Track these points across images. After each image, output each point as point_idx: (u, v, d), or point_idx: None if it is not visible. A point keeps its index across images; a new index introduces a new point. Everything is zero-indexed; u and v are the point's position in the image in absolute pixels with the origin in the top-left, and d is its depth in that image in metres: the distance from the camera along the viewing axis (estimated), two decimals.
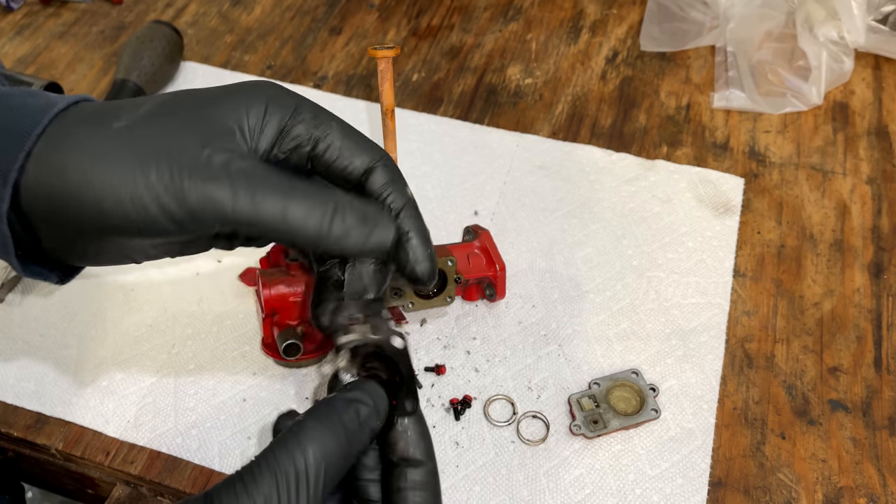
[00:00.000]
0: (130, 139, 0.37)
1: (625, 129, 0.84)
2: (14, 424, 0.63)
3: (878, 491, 0.59)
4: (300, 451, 0.36)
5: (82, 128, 0.37)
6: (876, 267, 0.72)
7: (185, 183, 0.36)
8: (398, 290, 0.62)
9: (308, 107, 0.42)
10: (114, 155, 0.36)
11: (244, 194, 0.36)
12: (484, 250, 0.66)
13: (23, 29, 0.95)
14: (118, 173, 0.36)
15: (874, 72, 0.89)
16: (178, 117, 0.38)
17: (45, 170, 0.37)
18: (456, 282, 0.64)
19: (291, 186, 0.38)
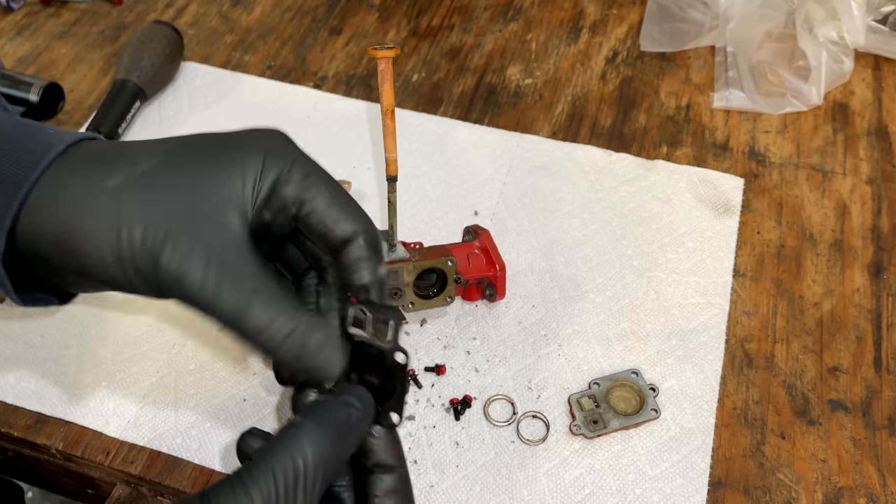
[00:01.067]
0: (119, 202, 0.37)
1: (625, 130, 0.84)
2: (14, 424, 0.63)
3: (877, 491, 0.59)
4: (299, 451, 0.36)
5: (76, 179, 0.38)
6: (876, 267, 0.72)
7: (164, 255, 0.37)
8: (398, 290, 0.62)
9: (300, 166, 0.41)
10: (99, 216, 0.37)
11: (212, 283, 0.37)
12: (484, 250, 0.66)
13: (23, 29, 0.95)
14: (99, 235, 0.37)
15: (874, 72, 0.89)
16: (172, 182, 0.38)
17: (38, 217, 0.38)
18: (456, 282, 0.64)
19: (258, 288, 0.38)
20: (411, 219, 0.76)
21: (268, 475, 0.35)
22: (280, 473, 0.35)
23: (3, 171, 0.38)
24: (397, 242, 0.63)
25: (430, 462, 0.61)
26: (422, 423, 0.63)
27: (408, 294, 0.63)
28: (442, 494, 0.59)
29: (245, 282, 0.38)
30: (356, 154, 0.81)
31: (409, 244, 0.66)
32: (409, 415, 0.63)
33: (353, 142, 0.82)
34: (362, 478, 0.41)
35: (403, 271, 0.62)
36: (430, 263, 0.63)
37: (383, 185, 0.78)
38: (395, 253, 0.63)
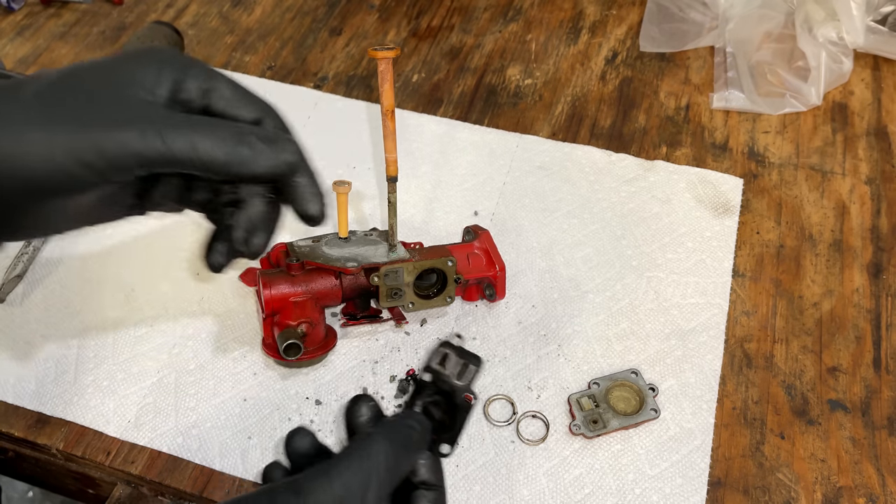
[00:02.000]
0: (40, 104, 0.39)
1: (624, 130, 0.84)
2: (15, 424, 0.63)
3: (877, 491, 0.59)
4: (373, 457, 0.41)
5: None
6: (875, 267, 0.72)
7: (98, 135, 0.38)
8: (398, 290, 0.62)
9: (200, 66, 0.44)
10: (28, 122, 0.38)
11: (153, 134, 0.39)
12: (484, 251, 0.66)
13: (24, 29, 0.95)
14: (35, 139, 0.38)
15: (873, 72, 0.89)
16: (82, 82, 0.41)
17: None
18: (456, 282, 0.64)
19: (196, 121, 0.40)
20: (411, 219, 0.76)
21: (348, 472, 0.40)
22: (357, 473, 0.40)
23: None
24: (397, 242, 0.63)
25: None
26: None
27: (408, 294, 0.63)
28: None
29: (180, 122, 0.40)
30: (356, 154, 0.81)
31: (409, 244, 0.66)
32: None
33: (354, 142, 0.82)
34: (406, 493, 0.45)
35: (403, 271, 0.62)
36: (431, 263, 0.62)
37: (383, 185, 0.78)
38: (396, 253, 0.62)
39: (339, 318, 0.67)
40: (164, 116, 0.40)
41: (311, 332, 0.60)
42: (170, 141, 0.39)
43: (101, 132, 0.38)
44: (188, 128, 0.40)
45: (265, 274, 0.62)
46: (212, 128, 0.41)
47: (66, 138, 0.38)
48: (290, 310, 0.60)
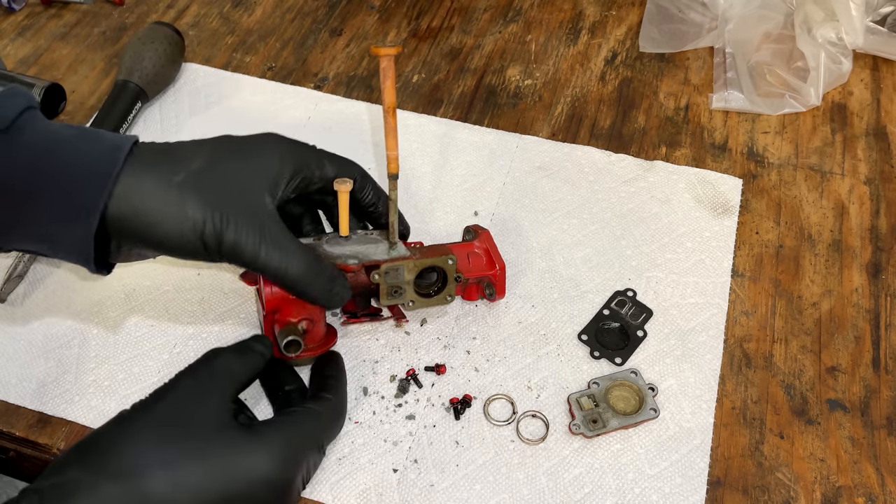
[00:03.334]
0: (187, 191, 0.51)
1: (624, 130, 0.84)
2: (16, 424, 0.64)
3: (876, 490, 0.60)
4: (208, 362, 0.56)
5: (149, 175, 0.51)
6: (874, 267, 0.72)
7: (226, 233, 0.52)
8: (398, 288, 0.62)
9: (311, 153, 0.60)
10: (173, 206, 0.51)
11: (263, 248, 0.53)
12: (484, 250, 0.66)
13: (24, 30, 0.96)
14: (174, 220, 0.51)
15: (872, 73, 0.89)
16: (222, 176, 0.53)
17: (123, 205, 0.50)
18: (456, 280, 0.64)
19: (293, 249, 0.54)
20: (411, 219, 0.76)
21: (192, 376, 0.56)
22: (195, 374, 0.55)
23: (89, 167, 0.50)
24: (398, 241, 0.63)
25: (431, 461, 0.61)
26: (422, 423, 0.63)
27: (408, 292, 0.63)
28: (442, 493, 0.59)
29: (284, 246, 0.54)
30: (357, 155, 0.81)
31: (409, 243, 0.66)
32: (410, 414, 0.63)
33: (354, 143, 0.82)
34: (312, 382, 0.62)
35: (404, 269, 0.62)
36: (431, 262, 0.62)
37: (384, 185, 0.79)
38: (396, 251, 0.62)
39: (340, 316, 0.68)
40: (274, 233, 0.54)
41: (311, 330, 0.60)
42: (270, 259, 0.53)
43: (227, 233, 0.52)
44: (287, 254, 0.54)
45: None
46: (302, 261, 0.55)
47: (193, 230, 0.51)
48: (291, 307, 0.60)
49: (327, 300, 0.57)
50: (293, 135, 0.60)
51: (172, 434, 0.49)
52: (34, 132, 0.51)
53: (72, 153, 0.50)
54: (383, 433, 0.62)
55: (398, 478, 0.60)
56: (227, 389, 0.53)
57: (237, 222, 0.52)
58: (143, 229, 0.51)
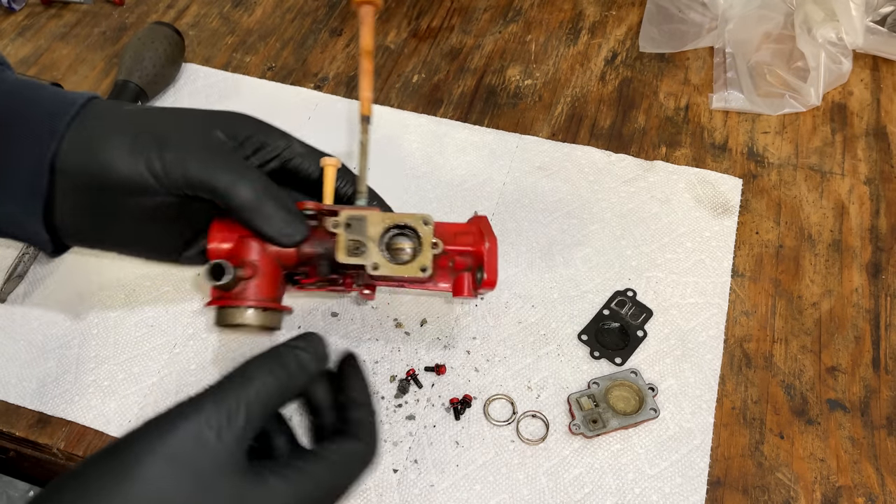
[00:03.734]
0: (136, 124, 0.49)
1: (624, 130, 0.84)
2: (16, 424, 0.64)
3: (876, 490, 0.60)
4: (243, 386, 0.43)
5: (100, 120, 0.50)
6: (874, 267, 0.72)
7: (172, 152, 0.48)
8: (360, 244, 0.51)
9: (276, 129, 0.55)
10: (123, 135, 0.49)
11: (211, 168, 0.48)
12: (475, 229, 0.56)
13: (24, 30, 0.96)
14: (127, 147, 0.48)
15: (872, 73, 0.89)
16: (174, 114, 0.52)
17: (74, 151, 0.48)
18: (434, 247, 0.52)
19: (244, 170, 0.49)
20: None
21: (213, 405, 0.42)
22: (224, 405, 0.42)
23: (46, 112, 0.49)
24: (366, 189, 0.54)
25: (431, 461, 0.61)
26: (422, 423, 0.63)
27: (371, 251, 0.51)
28: (442, 493, 0.59)
29: (234, 168, 0.49)
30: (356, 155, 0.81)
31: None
32: (410, 414, 0.63)
33: (354, 143, 0.82)
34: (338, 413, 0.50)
35: (367, 221, 0.51)
36: (402, 218, 0.52)
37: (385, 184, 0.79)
38: (361, 200, 0.54)
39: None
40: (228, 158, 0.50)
41: (250, 277, 0.51)
42: (214, 177, 0.49)
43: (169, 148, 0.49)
44: (237, 174, 0.49)
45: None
46: (252, 182, 0.49)
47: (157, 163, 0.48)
48: (240, 251, 0.52)
49: (277, 231, 0.50)
50: (293, 135, 0.59)
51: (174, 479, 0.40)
52: None
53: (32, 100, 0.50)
54: (383, 433, 0.62)
55: (398, 478, 0.60)
56: (253, 420, 0.43)
57: (185, 145, 0.49)
58: (92, 166, 0.48)
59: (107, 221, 0.51)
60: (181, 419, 0.41)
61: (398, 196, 0.78)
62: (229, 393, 0.43)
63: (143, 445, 0.40)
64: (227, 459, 0.41)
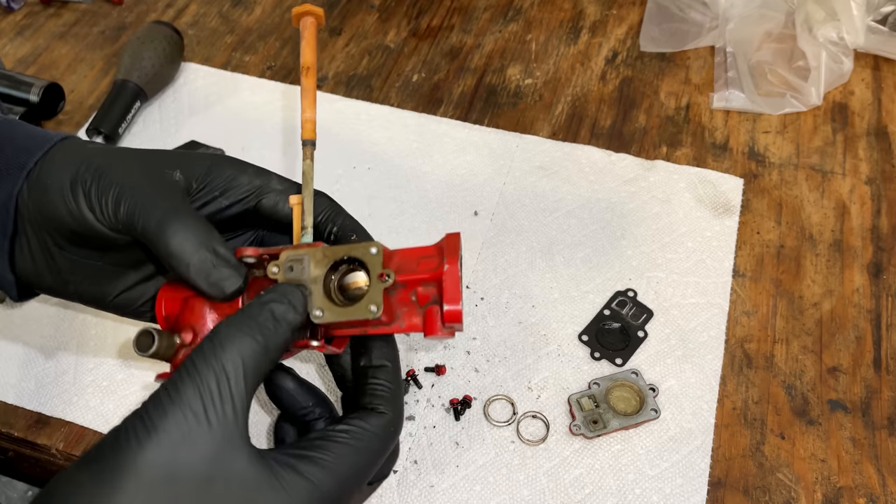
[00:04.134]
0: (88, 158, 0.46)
1: (624, 130, 0.84)
2: (15, 424, 0.63)
3: (877, 491, 0.59)
4: (215, 356, 0.39)
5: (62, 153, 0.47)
6: (875, 267, 0.72)
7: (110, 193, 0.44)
8: (303, 287, 0.44)
9: (252, 166, 0.50)
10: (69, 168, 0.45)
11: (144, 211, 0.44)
12: (438, 250, 0.46)
13: (23, 29, 0.95)
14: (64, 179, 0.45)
15: (873, 72, 0.89)
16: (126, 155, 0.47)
17: (33, 182, 0.46)
18: (384, 281, 0.43)
19: (181, 212, 0.44)
20: (412, 219, 0.76)
21: (191, 385, 0.38)
22: (202, 381, 0.38)
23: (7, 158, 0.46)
24: (309, 227, 0.47)
25: (431, 462, 0.61)
26: (422, 424, 0.63)
27: (315, 295, 0.44)
28: (442, 494, 0.59)
29: (172, 210, 0.44)
30: (356, 154, 0.81)
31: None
32: (409, 415, 0.63)
33: (353, 142, 0.82)
34: (357, 382, 0.46)
35: (310, 260, 0.45)
36: (346, 250, 0.45)
37: (386, 184, 0.78)
38: (306, 237, 0.47)
39: None
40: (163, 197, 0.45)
41: (191, 343, 0.45)
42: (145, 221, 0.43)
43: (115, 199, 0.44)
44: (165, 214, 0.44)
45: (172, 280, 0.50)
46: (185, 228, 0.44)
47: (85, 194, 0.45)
48: (183, 313, 0.47)
49: (205, 280, 0.43)
50: (293, 134, 0.58)
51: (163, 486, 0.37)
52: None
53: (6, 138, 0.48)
54: None
55: (398, 479, 0.60)
56: (241, 392, 0.39)
57: (122, 181, 0.44)
58: (41, 205, 0.46)
59: (61, 267, 0.48)
60: (160, 417, 0.37)
61: (398, 197, 0.77)
62: (205, 369, 0.38)
63: (123, 461, 0.36)
64: (226, 450, 0.37)
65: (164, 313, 0.47)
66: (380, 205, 0.77)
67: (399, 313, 0.46)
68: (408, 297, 0.46)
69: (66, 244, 0.47)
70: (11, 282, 0.49)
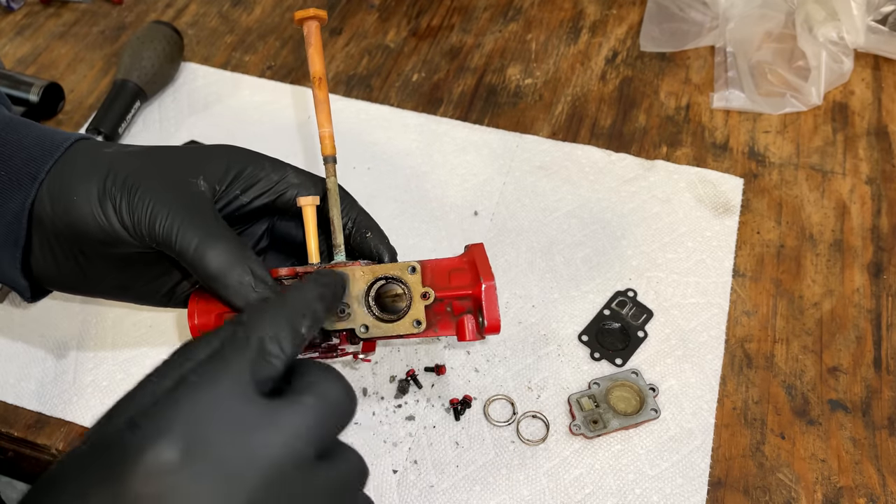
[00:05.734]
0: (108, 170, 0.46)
1: (624, 130, 0.84)
2: (14, 424, 0.63)
3: (877, 491, 0.59)
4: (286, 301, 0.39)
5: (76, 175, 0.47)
6: (875, 267, 0.72)
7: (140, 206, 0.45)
8: (344, 306, 0.47)
9: (269, 160, 0.51)
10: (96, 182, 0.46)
11: (178, 226, 0.45)
12: (470, 264, 0.50)
13: (23, 29, 0.95)
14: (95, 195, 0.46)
15: (873, 72, 0.89)
16: (149, 160, 0.48)
17: (51, 190, 0.47)
18: (424, 298, 0.47)
19: (216, 234, 0.45)
20: (412, 219, 0.76)
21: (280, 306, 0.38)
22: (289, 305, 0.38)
23: (29, 154, 0.47)
24: (341, 245, 0.49)
25: (431, 462, 0.61)
26: (422, 423, 0.63)
27: (358, 313, 0.47)
28: (442, 494, 0.59)
29: (205, 226, 0.45)
30: (356, 154, 0.81)
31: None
32: (409, 415, 0.63)
33: (354, 142, 0.82)
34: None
35: (349, 279, 0.47)
36: (386, 269, 0.47)
37: (386, 184, 0.78)
38: (339, 256, 0.49)
39: None
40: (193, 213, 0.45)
41: None
42: (182, 238, 0.45)
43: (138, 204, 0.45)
44: (202, 235, 0.45)
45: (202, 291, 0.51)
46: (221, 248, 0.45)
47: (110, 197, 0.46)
48: (215, 326, 0.46)
49: (245, 304, 0.45)
50: (293, 134, 0.58)
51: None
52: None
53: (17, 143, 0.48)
54: (383, 434, 0.62)
55: (398, 479, 0.60)
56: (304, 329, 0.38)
57: (155, 197, 0.45)
58: (65, 216, 0.46)
59: (86, 270, 0.49)
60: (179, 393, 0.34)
61: (398, 197, 0.77)
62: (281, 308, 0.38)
63: None
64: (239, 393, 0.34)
65: (198, 325, 0.48)
66: (380, 205, 0.77)
67: (433, 321, 0.49)
68: (444, 308, 0.49)
69: (92, 253, 0.48)
70: (25, 286, 0.50)
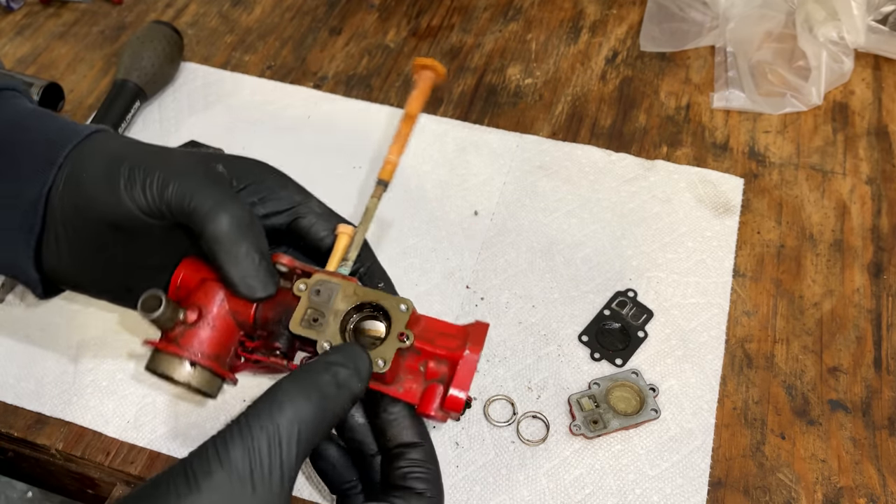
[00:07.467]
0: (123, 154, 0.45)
1: (624, 130, 0.84)
2: (14, 424, 0.63)
3: (877, 491, 0.59)
4: (271, 417, 0.37)
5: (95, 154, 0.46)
6: (875, 267, 0.72)
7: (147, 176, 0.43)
8: (320, 315, 0.45)
9: (294, 183, 0.50)
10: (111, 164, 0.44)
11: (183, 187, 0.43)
12: (463, 335, 0.46)
13: (23, 29, 0.95)
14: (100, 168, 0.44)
15: (874, 72, 0.89)
16: (165, 149, 0.46)
17: (66, 176, 0.45)
18: (402, 341, 0.44)
19: (232, 199, 0.43)
20: (412, 219, 0.76)
21: (240, 443, 0.36)
22: (253, 441, 0.36)
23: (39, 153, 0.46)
24: (352, 259, 0.48)
25: None
26: None
27: (329, 328, 0.44)
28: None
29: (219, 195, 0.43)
30: (356, 154, 0.81)
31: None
32: None
33: (354, 142, 0.82)
34: (388, 461, 0.43)
35: (339, 291, 0.45)
36: (378, 296, 0.45)
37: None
38: (345, 268, 0.48)
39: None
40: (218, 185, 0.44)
41: (194, 323, 0.44)
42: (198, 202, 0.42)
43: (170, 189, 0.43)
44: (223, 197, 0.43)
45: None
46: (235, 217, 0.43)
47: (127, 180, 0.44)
48: (197, 292, 0.46)
49: (240, 277, 0.43)
50: (293, 134, 0.57)
51: None
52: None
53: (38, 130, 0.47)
54: None
55: None
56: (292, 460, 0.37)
57: (168, 168, 0.43)
58: (75, 197, 0.45)
59: (92, 260, 0.47)
60: (204, 476, 0.35)
61: (398, 196, 0.77)
62: (259, 430, 0.36)
63: None
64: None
65: (179, 284, 0.46)
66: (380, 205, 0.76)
67: (401, 377, 0.45)
68: (416, 365, 0.45)
69: (97, 238, 0.46)
70: (37, 279, 0.48)
